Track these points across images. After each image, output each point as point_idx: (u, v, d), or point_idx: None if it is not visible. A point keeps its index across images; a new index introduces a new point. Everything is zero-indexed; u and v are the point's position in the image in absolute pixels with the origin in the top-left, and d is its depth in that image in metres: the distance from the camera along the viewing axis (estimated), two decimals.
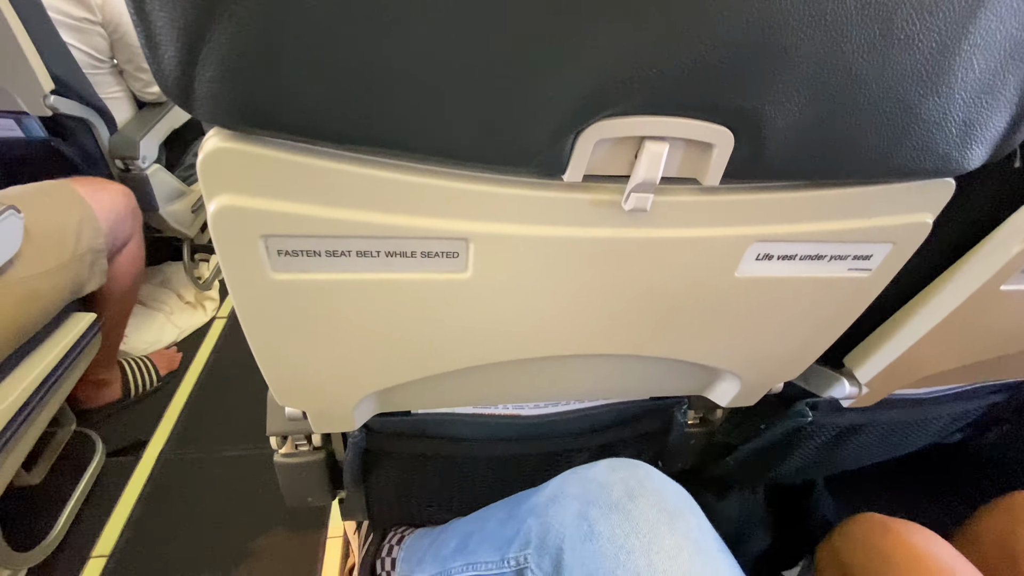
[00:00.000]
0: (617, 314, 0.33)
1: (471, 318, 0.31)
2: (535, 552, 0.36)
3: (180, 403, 1.15)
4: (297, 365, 0.31)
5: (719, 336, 0.36)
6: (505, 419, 0.49)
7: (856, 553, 0.50)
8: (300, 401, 0.35)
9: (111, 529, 0.90)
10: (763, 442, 0.64)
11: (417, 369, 0.35)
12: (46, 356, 0.78)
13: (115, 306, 0.97)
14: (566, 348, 0.35)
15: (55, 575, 0.83)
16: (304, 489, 0.56)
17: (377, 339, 0.31)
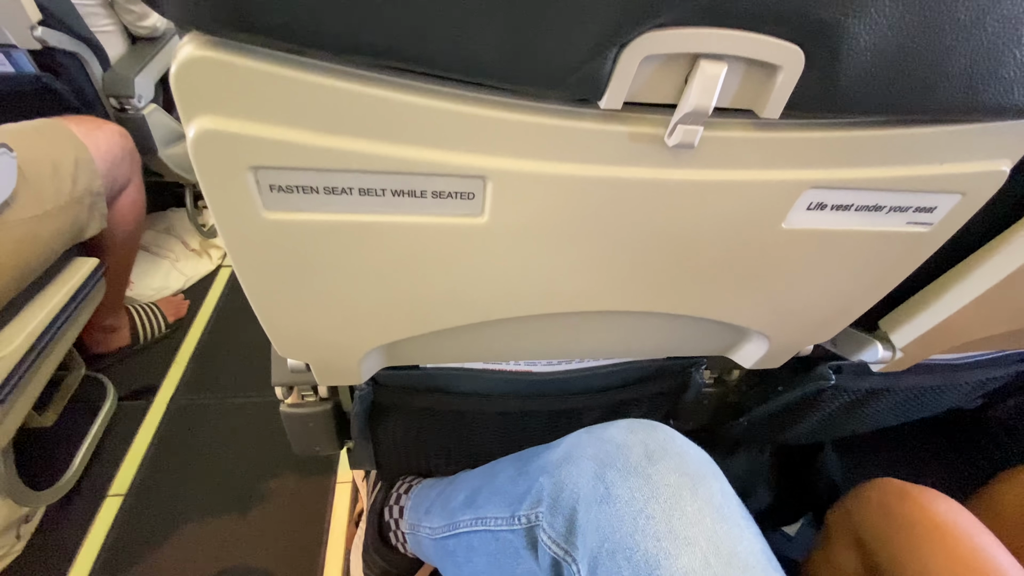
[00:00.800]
0: (646, 268, 0.30)
1: (486, 269, 0.28)
2: (547, 511, 0.35)
3: (189, 350, 1.15)
4: (296, 315, 0.29)
5: (754, 294, 0.33)
6: (517, 375, 0.48)
7: (871, 518, 0.49)
8: (302, 353, 0.33)
9: (126, 470, 0.92)
10: (779, 404, 0.62)
11: (425, 323, 0.33)
12: (50, 300, 0.77)
13: (118, 252, 0.95)
14: (588, 304, 0.32)
15: (73, 513, 0.85)
16: (311, 439, 0.56)
17: (382, 290, 0.28)
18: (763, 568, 0.29)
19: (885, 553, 0.47)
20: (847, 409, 0.63)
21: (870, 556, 0.49)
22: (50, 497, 0.81)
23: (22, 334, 0.71)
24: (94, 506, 0.87)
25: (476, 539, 0.42)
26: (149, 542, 0.83)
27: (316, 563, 0.83)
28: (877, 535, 0.48)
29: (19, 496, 0.73)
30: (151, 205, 1.10)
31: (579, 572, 0.32)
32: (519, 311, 0.32)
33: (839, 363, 0.54)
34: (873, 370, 0.49)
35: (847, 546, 0.52)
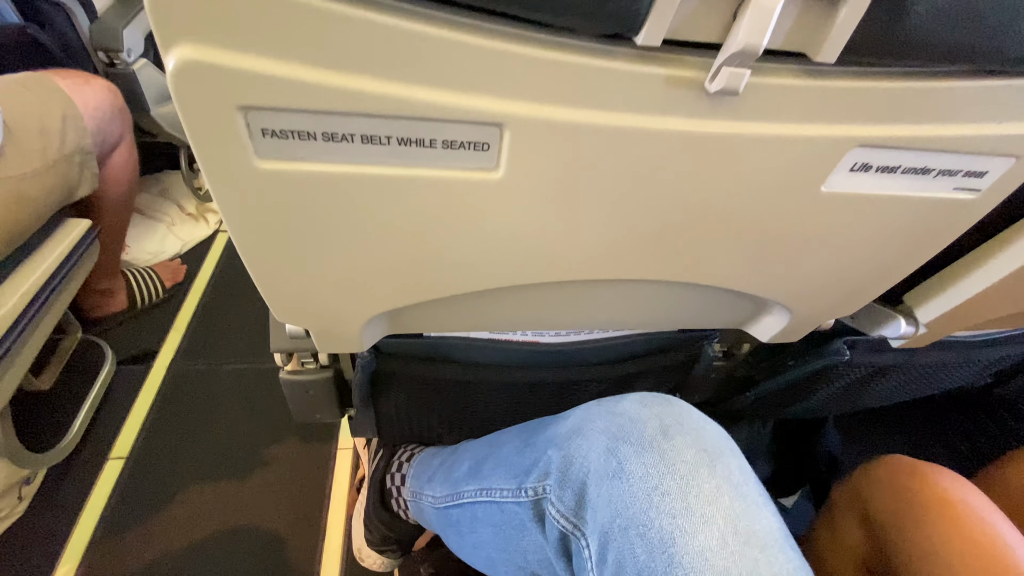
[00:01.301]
0: (670, 232, 0.28)
1: (498, 231, 0.26)
2: (556, 485, 0.34)
3: (187, 315, 1.14)
4: (294, 278, 0.27)
5: (781, 263, 0.31)
6: (524, 346, 0.46)
7: (880, 494, 0.49)
8: (301, 318, 0.31)
9: (127, 433, 0.92)
10: (788, 379, 0.61)
11: (431, 289, 0.31)
12: (43, 263, 0.75)
13: (111, 214, 0.93)
14: (605, 271, 0.30)
15: (74, 476, 0.86)
16: (311, 406, 0.54)
17: (386, 252, 0.26)
18: (781, 547, 0.28)
19: (893, 530, 0.46)
20: (856, 385, 0.62)
21: (877, 532, 0.48)
22: (50, 460, 0.80)
23: (15, 296, 0.69)
24: (95, 469, 0.87)
25: (480, 510, 0.42)
26: (151, 505, 0.84)
27: (318, 527, 0.83)
28: (885, 511, 0.48)
29: (18, 458, 0.73)
30: (145, 167, 1.07)
31: (588, 547, 0.31)
32: (531, 278, 0.30)
33: (854, 338, 0.53)
34: (893, 346, 0.47)
35: (853, 521, 0.52)
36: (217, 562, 0.79)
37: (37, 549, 0.77)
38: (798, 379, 0.59)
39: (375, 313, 0.32)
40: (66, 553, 0.77)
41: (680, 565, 0.27)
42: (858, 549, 0.50)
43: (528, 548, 0.37)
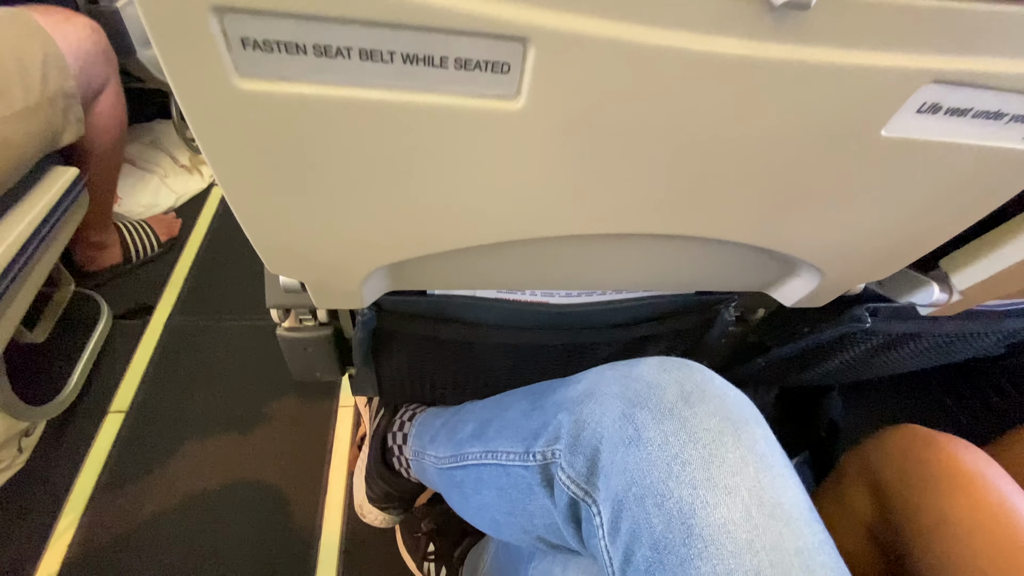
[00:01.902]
0: (705, 180, 0.25)
1: (514, 174, 0.23)
2: (566, 450, 0.32)
3: (184, 270, 1.11)
4: (285, 223, 0.24)
5: (820, 219, 0.29)
6: (532, 306, 0.44)
7: (893, 464, 0.48)
8: (295, 270, 0.29)
9: (126, 388, 0.91)
10: (802, 346, 0.59)
11: (438, 241, 0.28)
12: (29, 212, 0.72)
13: (100, 162, 0.89)
14: (630, 225, 0.27)
15: (74, 429, 0.85)
16: (310, 364, 0.53)
17: (387, 196, 0.24)
18: (807, 521, 0.27)
19: (904, 499, 0.45)
20: (871, 353, 0.61)
21: (886, 501, 0.48)
22: (48, 413, 0.80)
23: (2, 246, 0.67)
24: (96, 422, 0.87)
25: (485, 472, 0.41)
26: (152, 459, 0.84)
27: (319, 483, 0.84)
28: (897, 481, 0.47)
29: (15, 410, 0.72)
30: (134, 115, 1.02)
31: (599, 514, 0.30)
32: (547, 231, 0.27)
33: (876, 305, 0.50)
34: (921, 313, 0.45)
35: (861, 489, 0.51)
36: (220, 515, 0.79)
37: (39, 500, 0.78)
38: (813, 346, 0.58)
39: (375, 267, 0.29)
40: (68, 504, 0.78)
41: (700, 537, 0.25)
42: (865, 517, 0.50)
43: (535, 512, 0.36)
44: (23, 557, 0.73)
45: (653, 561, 0.26)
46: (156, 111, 1.34)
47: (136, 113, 1.11)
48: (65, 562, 0.73)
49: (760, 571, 0.24)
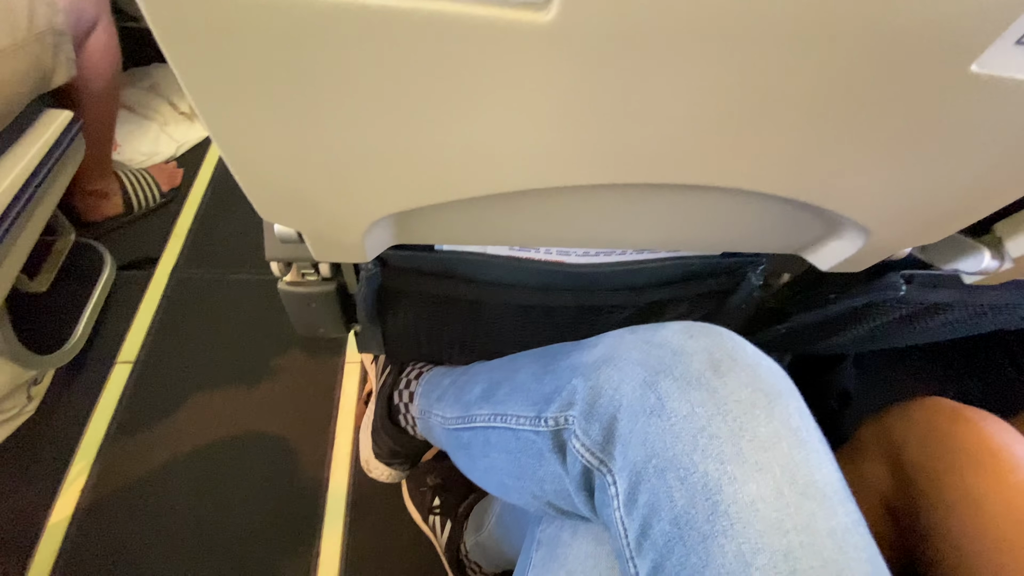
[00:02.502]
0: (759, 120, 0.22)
1: (537, 106, 0.20)
2: (581, 417, 0.31)
3: (187, 222, 1.09)
4: (275, 160, 0.21)
5: (880, 169, 0.25)
6: (546, 265, 0.41)
7: (916, 436, 0.46)
8: (289, 218, 0.26)
9: (133, 338, 0.91)
10: (826, 313, 0.56)
11: (446, 187, 0.25)
12: (24, 156, 0.69)
13: (95, 106, 0.85)
14: (663, 172, 0.24)
15: (83, 378, 0.86)
16: (314, 320, 0.51)
17: (392, 129, 0.21)
18: (841, 500, 0.25)
19: (925, 472, 0.44)
20: (899, 323, 0.58)
21: (907, 474, 0.46)
22: (55, 362, 0.80)
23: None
24: (104, 372, 0.87)
25: (494, 435, 0.39)
26: (161, 409, 0.84)
27: (326, 437, 0.84)
28: (920, 453, 0.45)
29: (21, 358, 0.72)
30: (131, 58, 0.98)
31: (614, 484, 0.29)
32: (570, 178, 0.24)
33: (912, 272, 0.47)
34: (965, 281, 0.42)
35: (879, 461, 0.49)
36: (229, 465, 0.80)
37: (51, 447, 0.79)
38: (838, 314, 0.55)
39: (379, 216, 0.27)
40: (80, 451, 0.79)
41: (726, 514, 0.24)
42: (882, 489, 0.48)
43: (545, 478, 0.34)
44: (37, 501, 0.75)
45: (673, 536, 0.25)
46: (154, 54, 1.28)
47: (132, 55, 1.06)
48: (78, 507, 0.75)
49: (790, 552, 0.23)
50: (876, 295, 0.49)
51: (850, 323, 0.59)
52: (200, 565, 0.72)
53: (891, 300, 0.50)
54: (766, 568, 0.22)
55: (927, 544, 0.42)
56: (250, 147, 0.21)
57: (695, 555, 0.24)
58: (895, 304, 0.53)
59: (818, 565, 0.23)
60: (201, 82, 0.18)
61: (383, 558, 0.75)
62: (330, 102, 0.19)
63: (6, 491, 0.75)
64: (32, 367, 0.75)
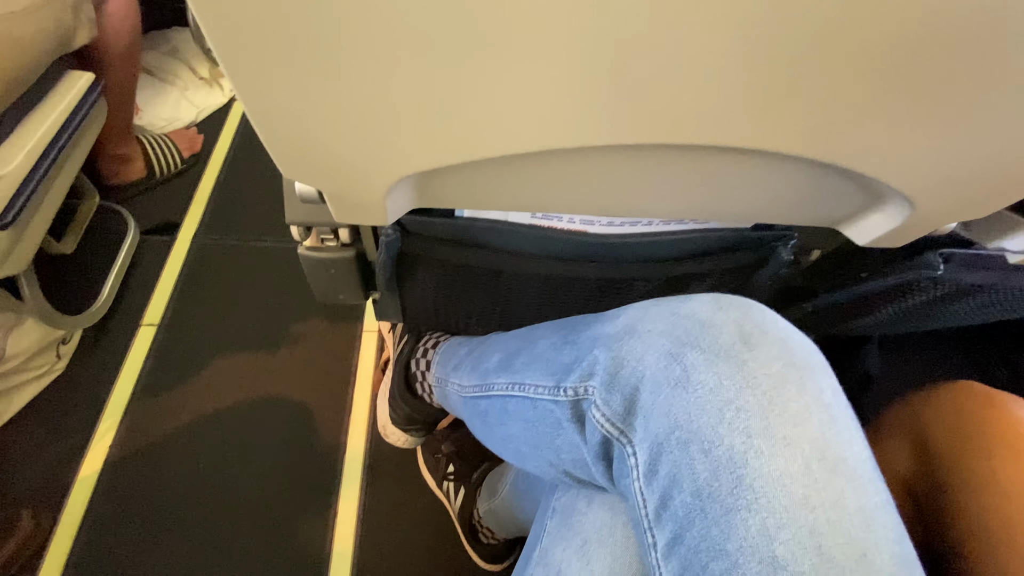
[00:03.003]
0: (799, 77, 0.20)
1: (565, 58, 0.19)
2: (602, 387, 0.30)
3: (208, 188, 1.10)
4: (299, 114, 0.21)
5: (932, 135, 0.24)
6: (568, 235, 0.40)
7: (945, 420, 0.45)
8: (312, 176, 0.26)
9: (157, 302, 0.93)
10: (856, 292, 0.54)
11: (472, 145, 0.24)
12: (47, 117, 0.70)
13: (116, 68, 0.85)
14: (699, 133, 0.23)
15: (109, 339, 0.88)
16: (333, 286, 0.51)
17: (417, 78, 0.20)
18: (871, 479, 0.24)
19: (953, 456, 0.43)
20: (931, 304, 0.56)
21: (929, 456, 0.45)
22: (82, 322, 0.82)
23: (22, 152, 0.65)
24: (129, 334, 0.89)
25: (512, 404, 0.39)
26: (185, 371, 0.86)
27: (344, 402, 0.86)
28: (948, 437, 0.44)
29: (49, 318, 0.74)
30: (150, 22, 0.97)
31: (634, 455, 0.28)
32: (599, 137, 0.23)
33: (951, 250, 0.45)
34: (1011, 260, 0.40)
35: (903, 443, 0.48)
36: (250, 427, 0.82)
37: (79, 405, 0.82)
38: (868, 293, 0.53)
39: (401, 176, 0.26)
40: (107, 410, 0.82)
41: (750, 488, 0.23)
42: (903, 473, 0.48)
43: (562, 447, 0.34)
44: (67, 456, 0.78)
45: (694, 508, 0.24)
46: (173, 17, 1.27)
47: (152, 18, 1.05)
48: (106, 462, 0.78)
49: (816, 528, 0.22)
50: (911, 274, 0.47)
51: (880, 303, 0.57)
52: (222, 521, 0.75)
53: (926, 280, 0.49)
54: (790, 543, 0.22)
55: (949, 527, 0.41)
56: (273, 99, 0.20)
57: (716, 528, 0.24)
58: (930, 285, 0.51)
59: (844, 542, 0.22)
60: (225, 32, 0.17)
61: (398, 520, 0.77)
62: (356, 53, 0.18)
63: (38, 445, 0.78)
64: (60, 327, 0.77)
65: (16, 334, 0.74)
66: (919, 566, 0.24)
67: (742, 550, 0.23)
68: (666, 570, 0.26)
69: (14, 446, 0.77)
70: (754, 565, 0.22)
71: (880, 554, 0.22)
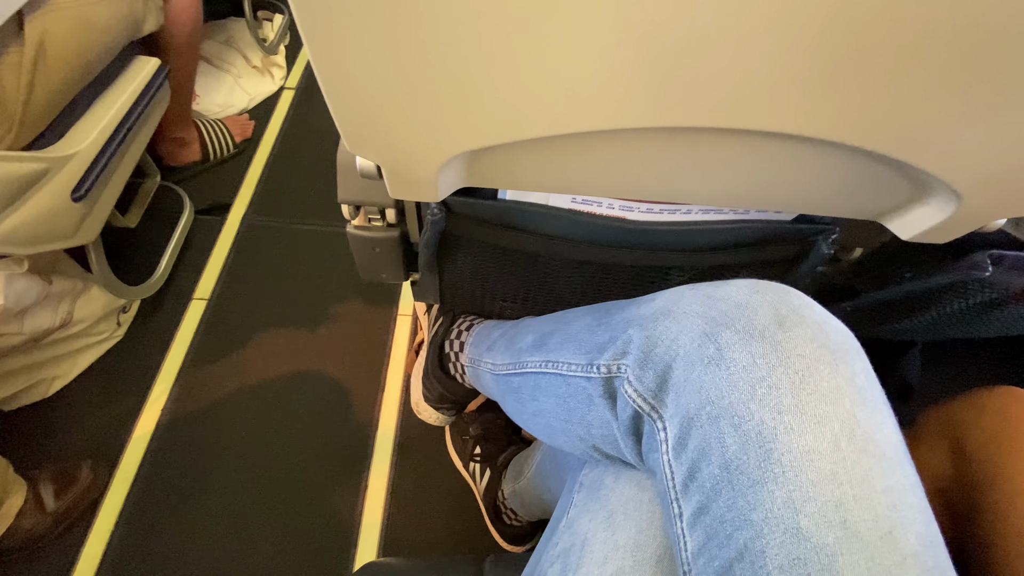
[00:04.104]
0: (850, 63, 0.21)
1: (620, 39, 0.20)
2: (635, 364, 0.31)
3: (257, 171, 1.15)
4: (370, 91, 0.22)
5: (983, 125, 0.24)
6: (607, 220, 0.41)
7: (985, 425, 0.44)
8: (374, 150, 0.28)
9: (207, 277, 0.98)
10: (899, 293, 0.54)
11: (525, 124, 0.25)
12: (117, 99, 0.75)
13: (179, 55, 0.90)
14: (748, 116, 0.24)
15: (164, 310, 0.94)
16: (377, 265, 0.54)
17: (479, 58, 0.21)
18: (900, 462, 0.24)
19: (992, 462, 0.42)
20: (978, 310, 0.54)
21: (967, 462, 0.44)
22: (141, 293, 0.87)
23: (95, 131, 0.70)
24: (182, 306, 0.94)
25: (544, 380, 0.40)
26: (231, 342, 0.91)
27: (378, 381, 0.89)
28: (988, 442, 0.43)
29: (112, 287, 0.79)
30: (209, 12, 1.02)
31: (664, 430, 0.29)
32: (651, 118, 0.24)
33: (1001, 252, 0.44)
34: None
35: (940, 448, 0.48)
36: (289, 399, 0.86)
37: (135, 369, 0.87)
38: (913, 294, 0.52)
39: (455, 152, 0.27)
40: (160, 375, 0.87)
41: (778, 462, 0.24)
42: (939, 477, 0.47)
43: (593, 422, 0.35)
44: (124, 416, 0.83)
45: (721, 480, 0.25)
46: (230, 8, 1.33)
47: (210, 8, 1.11)
48: (158, 424, 0.83)
49: (842, 503, 0.23)
50: (957, 275, 0.46)
51: (923, 306, 0.56)
52: (260, 484, 0.79)
53: (973, 282, 0.48)
54: (815, 516, 0.23)
55: (984, 532, 0.41)
56: (348, 76, 0.22)
57: (743, 499, 0.24)
58: (977, 287, 0.49)
59: (870, 519, 0.23)
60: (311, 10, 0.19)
61: (425, 497, 0.80)
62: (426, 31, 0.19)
63: (97, 405, 0.84)
64: (122, 295, 0.83)
65: (83, 300, 0.79)
66: (945, 550, 0.24)
67: (767, 520, 0.23)
68: (691, 539, 0.27)
69: (76, 405, 0.83)
70: (778, 535, 0.23)
71: (906, 533, 0.23)
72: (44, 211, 0.64)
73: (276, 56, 1.34)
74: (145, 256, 0.93)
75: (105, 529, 0.75)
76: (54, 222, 0.66)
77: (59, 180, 0.65)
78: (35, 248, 0.65)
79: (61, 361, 0.83)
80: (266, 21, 1.39)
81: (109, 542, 0.74)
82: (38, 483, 0.73)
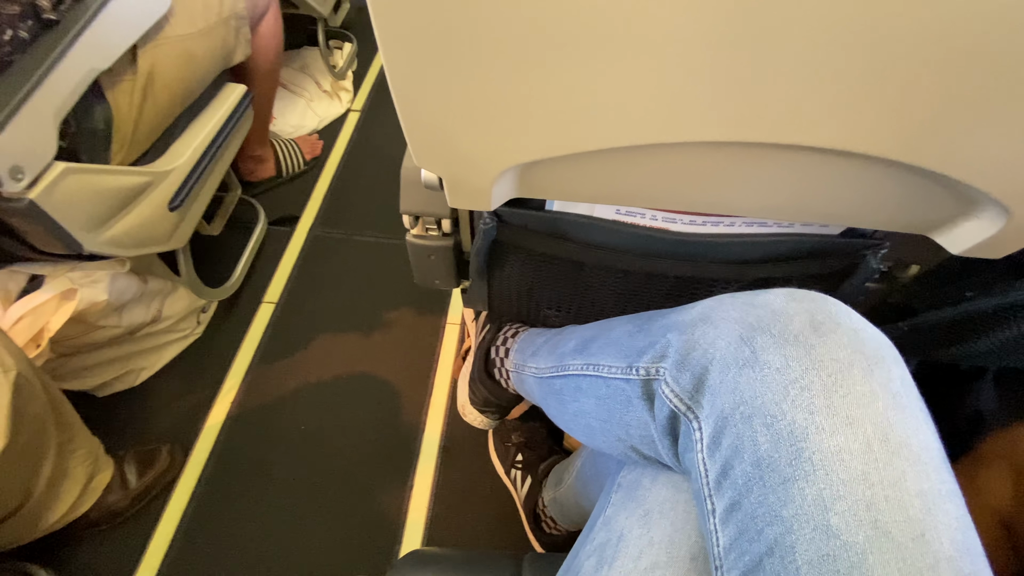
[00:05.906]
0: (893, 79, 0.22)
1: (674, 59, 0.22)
2: (672, 367, 0.33)
3: (323, 187, 1.24)
4: (437, 108, 0.26)
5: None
6: (651, 231, 0.43)
7: None
8: (438, 163, 0.31)
9: (276, 283, 1.07)
10: (960, 312, 0.52)
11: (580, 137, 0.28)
12: (209, 121, 0.84)
13: (261, 82, 1.00)
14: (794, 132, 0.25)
15: (237, 312, 1.02)
16: (431, 272, 0.57)
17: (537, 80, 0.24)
18: (936, 467, 0.25)
19: None
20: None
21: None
22: (220, 295, 0.96)
23: (190, 148, 0.79)
24: (253, 308, 1.03)
25: (585, 382, 0.42)
26: (295, 344, 0.98)
27: (426, 386, 0.93)
28: None
29: (197, 288, 0.88)
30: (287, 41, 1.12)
31: (699, 430, 0.30)
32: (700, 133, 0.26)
33: None
34: None
35: (1002, 472, 0.45)
36: (345, 398, 0.92)
37: (210, 365, 0.96)
38: (973, 314, 0.50)
39: (511, 164, 0.30)
40: (232, 371, 0.95)
41: (809, 460, 0.25)
42: (999, 502, 0.44)
43: (631, 423, 0.37)
44: (199, 406, 0.91)
45: (753, 477, 0.26)
46: (305, 38, 1.45)
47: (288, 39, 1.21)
48: (228, 415, 0.90)
49: (873, 503, 0.23)
50: (1020, 295, 0.45)
51: (987, 327, 0.53)
52: (315, 478, 0.84)
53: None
54: (845, 514, 0.23)
55: None
56: (420, 97, 0.26)
57: (773, 495, 0.25)
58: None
59: (901, 520, 0.23)
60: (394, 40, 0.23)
61: (467, 500, 0.82)
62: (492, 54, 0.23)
63: (177, 394, 0.93)
64: (203, 296, 0.92)
65: (170, 299, 0.88)
66: (985, 561, 0.24)
67: (797, 517, 0.24)
68: (723, 534, 0.28)
69: (160, 394, 0.92)
70: (808, 531, 0.24)
71: (940, 537, 0.23)
72: (146, 218, 0.73)
73: (344, 81, 1.44)
74: (224, 262, 1.02)
75: (178, 508, 0.82)
76: (153, 228, 0.75)
77: (160, 192, 0.74)
78: (137, 251, 0.74)
79: (149, 354, 0.92)
80: (336, 50, 1.51)
81: (181, 519, 0.81)
82: (123, 463, 0.81)
